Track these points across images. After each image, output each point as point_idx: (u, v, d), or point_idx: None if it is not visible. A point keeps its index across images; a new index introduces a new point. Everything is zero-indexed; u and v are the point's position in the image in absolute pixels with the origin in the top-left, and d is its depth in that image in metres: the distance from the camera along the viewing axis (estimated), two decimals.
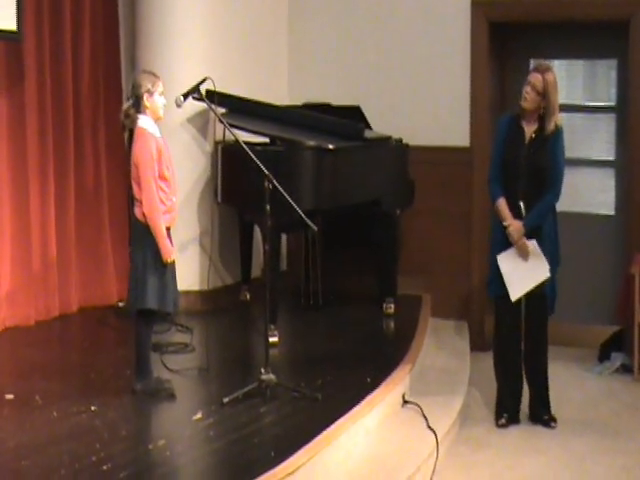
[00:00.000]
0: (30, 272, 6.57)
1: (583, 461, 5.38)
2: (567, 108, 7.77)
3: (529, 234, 5.68)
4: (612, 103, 7.64)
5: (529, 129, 5.69)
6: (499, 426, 5.81)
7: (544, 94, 5.57)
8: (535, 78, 5.59)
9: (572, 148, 7.64)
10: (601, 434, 5.76)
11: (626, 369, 6.88)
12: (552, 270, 5.74)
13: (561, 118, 5.70)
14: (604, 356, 7.08)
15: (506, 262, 5.73)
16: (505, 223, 5.69)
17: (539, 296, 5.76)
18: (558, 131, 5.67)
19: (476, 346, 7.06)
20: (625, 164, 7.35)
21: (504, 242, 5.74)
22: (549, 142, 5.65)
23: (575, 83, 7.88)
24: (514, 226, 5.67)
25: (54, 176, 6.75)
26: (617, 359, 6.98)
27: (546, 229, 5.74)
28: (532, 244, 5.69)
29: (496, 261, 5.75)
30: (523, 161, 5.66)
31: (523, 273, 5.70)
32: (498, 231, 5.78)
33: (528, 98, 5.61)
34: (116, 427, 4.68)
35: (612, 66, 7.63)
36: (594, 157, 7.71)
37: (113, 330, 6.62)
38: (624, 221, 7.33)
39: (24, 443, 4.44)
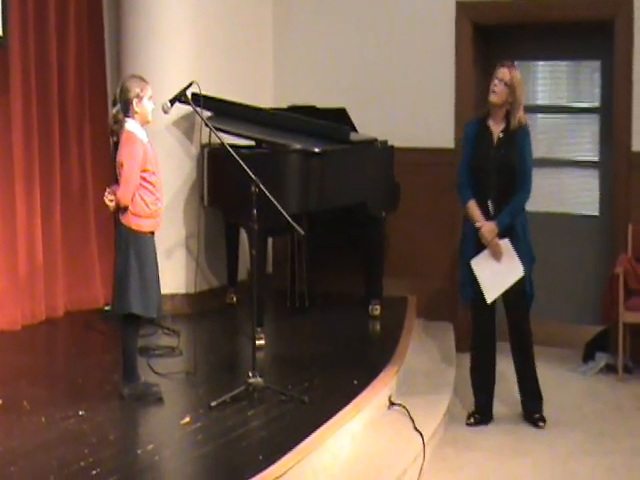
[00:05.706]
0: (16, 276, 6.56)
1: (567, 462, 5.41)
2: (551, 109, 7.86)
3: (501, 234, 5.68)
4: (596, 104, 7.65)
5: (497, 129, 5.71)
6: (467, 424, 5.85)
7: (511, 87, 5.59)
8: (502, 72, 5.63)
9: (556, 149, 7.76)
10: (585, 435, 5.79)
11: (610, 369, 6.91)
12: (527, 268, 5.74)
13: (525, 117, 5.71)
14: (588, 356, 7.10)
15: (480, 266, 5.73)
16: (477, 225, 5.69)
17: (518, 293, 5.75)
18: (524, 129, 5.69)
19: (461, 347, 7.07)
20: (609, 165, 7.38)
21: (476, 245, 5.73)
22: (517, 141, 5.67)
23: (559, 84, 7.91)
24: (487, 227, 5.67)
25: (40, 181, 6.75)
26: (601, 359, 7.00)
27: (518, 227, 5.73)
28: (504, 243, 5.68)
29: (468, 266, 5.74)
30: (493, 162, 5.67)
31: (498, 274, 5.69)
32: (469, 234, 5.77)
33: (497, 90, 5.62)
34: (104, 432, 4.69)
35: (596, 67, 7.63)
36: (578, 158, 7.73)
37: (100, 334, 6.61)
38: (608, 221, 7.36)
39: (13, 448, 4.44)
